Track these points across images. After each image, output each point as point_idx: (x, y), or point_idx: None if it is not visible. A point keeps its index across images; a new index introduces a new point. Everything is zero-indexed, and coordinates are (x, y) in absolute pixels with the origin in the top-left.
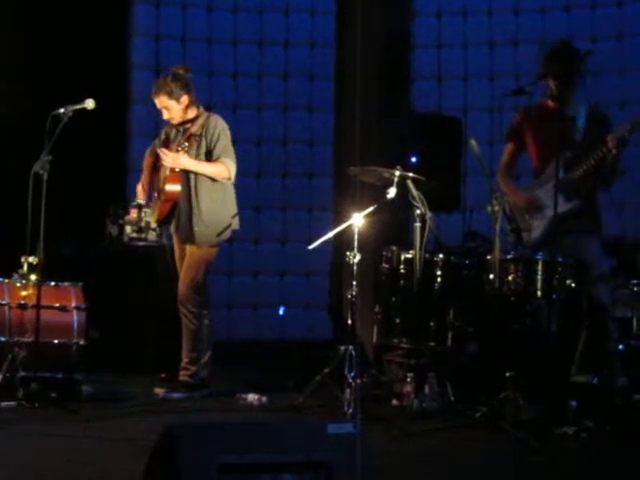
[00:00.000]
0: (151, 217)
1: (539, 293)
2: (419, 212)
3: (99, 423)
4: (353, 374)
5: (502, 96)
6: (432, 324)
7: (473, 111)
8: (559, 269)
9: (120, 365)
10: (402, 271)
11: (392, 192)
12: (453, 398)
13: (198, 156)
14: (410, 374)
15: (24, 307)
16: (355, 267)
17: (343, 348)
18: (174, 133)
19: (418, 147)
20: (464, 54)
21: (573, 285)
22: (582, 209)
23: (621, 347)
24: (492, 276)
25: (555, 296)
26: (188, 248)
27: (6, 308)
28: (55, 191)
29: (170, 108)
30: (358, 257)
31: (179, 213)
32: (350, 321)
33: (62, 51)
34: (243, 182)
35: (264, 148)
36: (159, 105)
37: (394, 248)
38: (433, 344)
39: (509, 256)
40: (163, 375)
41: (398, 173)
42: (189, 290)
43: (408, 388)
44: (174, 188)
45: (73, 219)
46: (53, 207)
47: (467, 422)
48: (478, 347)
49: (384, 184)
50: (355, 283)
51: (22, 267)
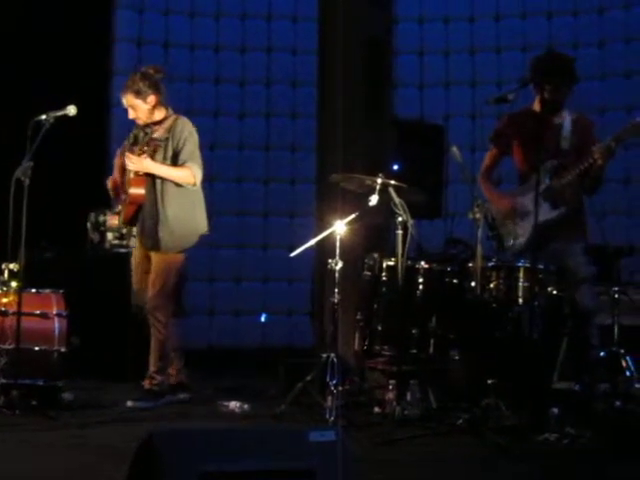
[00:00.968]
0: (118, 219)
1: (520, 300)
2: (401, 219)
3: (80, 430)
4: (335, 381)
5: (484, 103)
6: (414, 331)
7: (455, 118)
8: (540, 276)
9: (101, 372)
10: (384, 278)
11: (374, 199)
12: (435, 405)
13: (165, 160)
14: (392, 381)
15: (5, 314)
16: (337, 274)
17: (325, 355)
18: (142, 135)
19: (400, 154)
20: (446, 61)
21: (555, 292)
22: (568, 217)
23: (603, 354)
24: (474, 283)
25: (537, 303)
26: (154, 256)
27: None
28: (36, 197)
29: (136, 107)
30: (340, 264)
31: (144, 217)
32: (332, 328)
33: (44, 56)
34: (224, 188)
35: (246, 154)
36: (126, 104)
37: (376, 255)
38: (415, 351)
39: (491, 263)
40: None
41: (380, 180)
42: (158, 299)
43: (390, 395)
44: (138, 191)
45: (54, 225)
46: (34, 213)
47: (449, 429)
48: (460, 354)
49: (366, 191)
50: (337, 290)
51: (3, 274)
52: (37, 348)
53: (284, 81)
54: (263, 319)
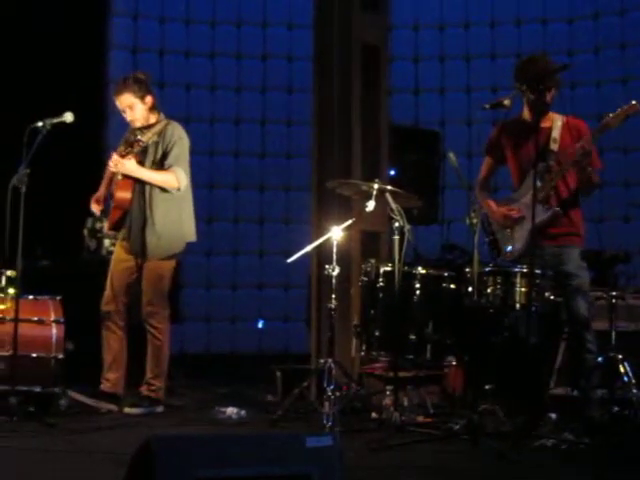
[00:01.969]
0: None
1: (518, 305)
2: (397, 225)
3: (77, 436)
4: (332, 387)
5: (480, 109)
6: (411, 337)
7: (450, 124)
8: (538, 281)
9: (97, 379)
10: (381, 284)
11: (371, 205)
12: (432, 411)
13: (153, 164)
14: (389, 387)
15: (2, 320)
16: (334, 280)
17: (322, 361)
18: (132, 138)
19: (396, 160)
20: (441, 67)
21: (552, 297)
22: (561, 216)
23: (600, 359)
24: (471, 288)
25: (534, 308)
26: (145, 265)
27: None
28: (33, 204)
29: (134, 107)
30: (337, 270)
31: (130, 222)
32: (329, 334)
33: (40, 63)
34: (220, 194)
35: (242, 161)
36: (122, 105)
37: (373, 261)
38: (412, 357)
39: (488, 268)
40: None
41: (376, 186)
42: (152, 306)
43: (387, 401)
44: (124, 195)
45: (51, 232)
46: (31, 220)
47: (446, 435)
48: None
49: (362, 197)
50: (334, 296)
51: (0, 281)
52: (34, 355)
53: (280, 88)
54: (261, 325)
